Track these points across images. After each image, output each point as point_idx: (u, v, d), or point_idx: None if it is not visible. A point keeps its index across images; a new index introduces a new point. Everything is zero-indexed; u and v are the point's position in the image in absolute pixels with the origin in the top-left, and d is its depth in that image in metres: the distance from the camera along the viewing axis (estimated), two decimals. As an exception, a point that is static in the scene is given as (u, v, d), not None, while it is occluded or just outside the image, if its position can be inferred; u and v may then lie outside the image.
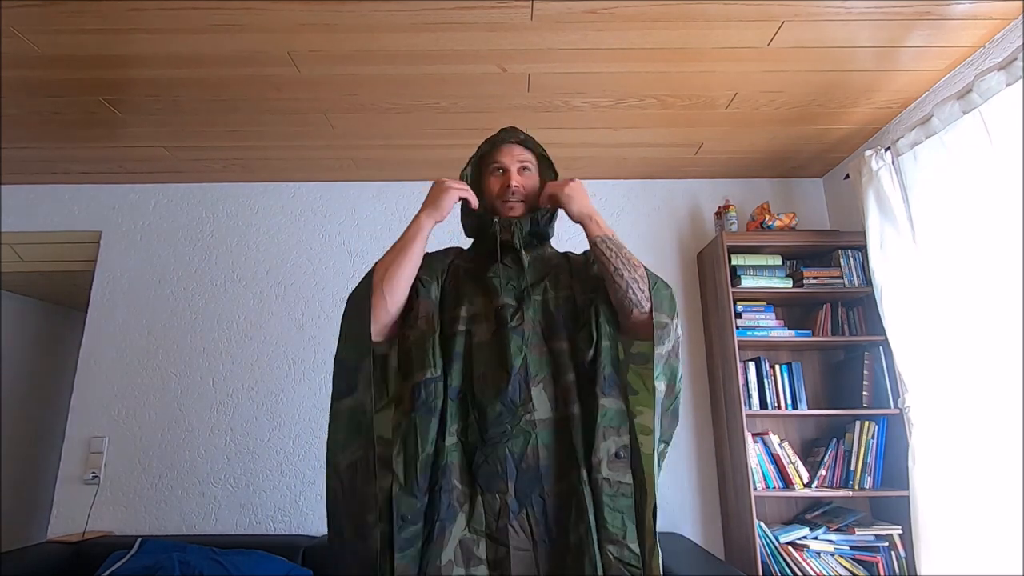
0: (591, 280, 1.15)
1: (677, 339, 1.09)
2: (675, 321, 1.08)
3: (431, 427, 1.00)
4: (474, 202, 1.17)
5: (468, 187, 1.16)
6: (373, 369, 1.04)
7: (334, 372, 1.07)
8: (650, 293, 1.06)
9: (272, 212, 2.70)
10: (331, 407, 1.05)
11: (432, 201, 1.12)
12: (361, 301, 1.08)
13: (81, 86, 1.95)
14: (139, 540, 2.10)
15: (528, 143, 1.24)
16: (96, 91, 1.99)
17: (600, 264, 1.10)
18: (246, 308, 2.58)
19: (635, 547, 0.97)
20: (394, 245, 1.11)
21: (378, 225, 2.68)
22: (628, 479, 1.00)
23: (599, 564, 0.94)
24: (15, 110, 2.08)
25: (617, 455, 1.01)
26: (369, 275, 1.10)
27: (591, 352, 1.07)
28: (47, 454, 3.37)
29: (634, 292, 1.06)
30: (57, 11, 1.59)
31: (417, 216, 1.12)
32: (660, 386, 1.05)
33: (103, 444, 2.42)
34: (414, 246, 1.09)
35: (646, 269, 1.10)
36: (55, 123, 2.18)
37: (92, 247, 2.67)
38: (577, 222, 1.14)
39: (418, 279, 1.12)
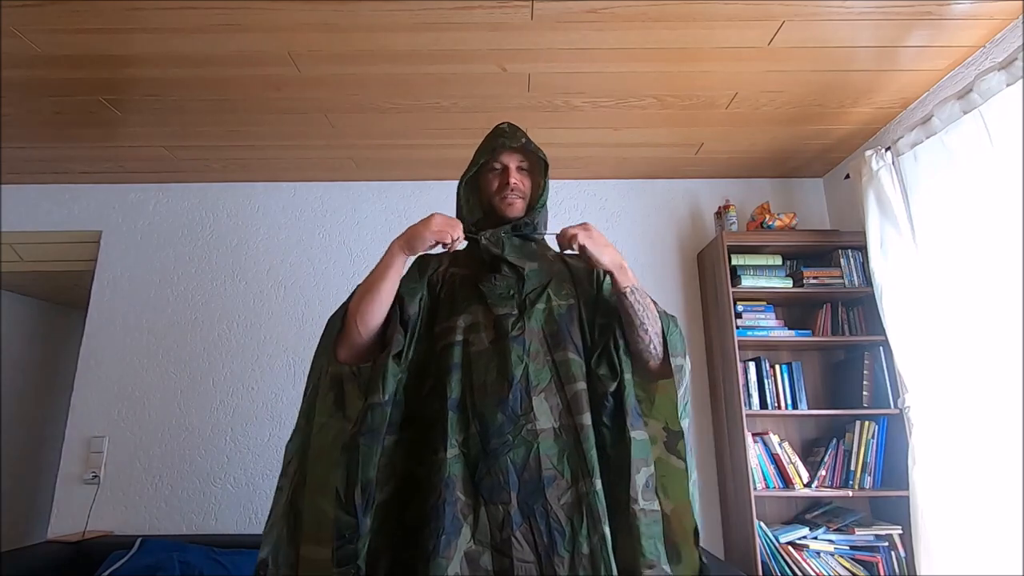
0: (603, 304, 1.16)
1: (688, 373, 1.14)
2: (688, 358, 1.13)
3: (373, 452, 1.00)
4: (457, 242, 1.12)
5: (456, 225, 1.11)
6: (332, 388, 1.10)
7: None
8: (665, 340, 1.10)
9: (272, 212, 2.70)
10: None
11: (409, 235, 1.09)
12: (329, 332, 1.13)
13: (81, 86, 1.95)
14: (139, 540, 2.11)
15: (529, 146, 1.20)
16: (96, 91, 1.99)
17: (625, 314, 1.10)
18: (246, 308, 2.58)
19: (668, 568, 1.00)
20: (369, 277, 1.10)
21: (378, 225, 2.68)
22: (657, 506, 1.04)
23: (615, 573, 0.95)
24: (15, 110, 2.08)
25: (647, 485, 1.04)
26: (344, 306, 1.12)
27: (614, 384, 1.08)
28: (47, 454, 3.37)
29: (655, 346, 1.10)
30: (57, 11, 1.59)
31: (391, 247, 1.10)
32: (685, 424, 1.11)
33: (103, 444, 2.42)
34: (385, 282, 1.08)
35: (658, 308, 1.13)
36: (55, 123, 2.18)
37: (92, 247, 2.67)
38: (607, 271, 1.11)
39: (399, 299, 1.11)
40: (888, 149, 2.05)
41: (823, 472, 2.19)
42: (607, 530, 0.97)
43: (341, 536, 0.97)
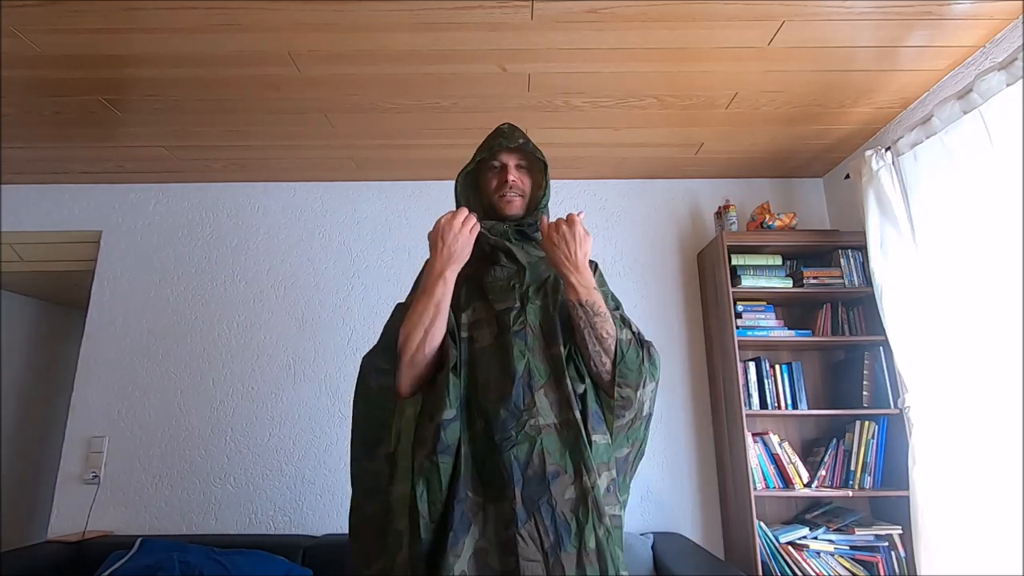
0: None
1: (643, 406, 1.11)
2: (644, 389, 1.09)
3: (450, 467, 1.00)
4: (476, 223, 1.13)
5: (459, 213, 1.11)
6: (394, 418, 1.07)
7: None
8: (614, 367, 1.07)
9: (272, 212, 2.70)
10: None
11: (448, 255, 1.07)
12: (366, 380, 1.09)
13: (81, 86, 1.95)
14: (139, 540, 2.10)
15: (527, 147, 1.21)
16: (96, 91, 1.98)
17: (572, 321, 1.09)
18: (246, 308, 2.58)
19: (626, 572, 0.99)
20: (423, 306, 1.06)
21: (378, 225, 2.68)
22: (618, 511, 1.03)
23: (620, 565, 0.96)
24: (15, 110, 2.08)
25: (608, 489, 1.03)
26: (388, 343, 1.08)
27: (582, 387, 1.08)
28: (47, 454, 3.37)
29: (595, 364, 1.08)
30: (57, 11, 1.59)
31: (442, 274, 1.07)
32: (620, 453, 1.09)
33: (103, 444, 2.42)
34: (445, 303, 1.06)
35: (626, 333, 1.10)
36: (55, 123, 2.18)
37: (92, 247, 2.67)
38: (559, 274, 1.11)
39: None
40: (888, 149, 2.05)
41: (823, 472, 2.19)
42: (609, 523, 0.98)
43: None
